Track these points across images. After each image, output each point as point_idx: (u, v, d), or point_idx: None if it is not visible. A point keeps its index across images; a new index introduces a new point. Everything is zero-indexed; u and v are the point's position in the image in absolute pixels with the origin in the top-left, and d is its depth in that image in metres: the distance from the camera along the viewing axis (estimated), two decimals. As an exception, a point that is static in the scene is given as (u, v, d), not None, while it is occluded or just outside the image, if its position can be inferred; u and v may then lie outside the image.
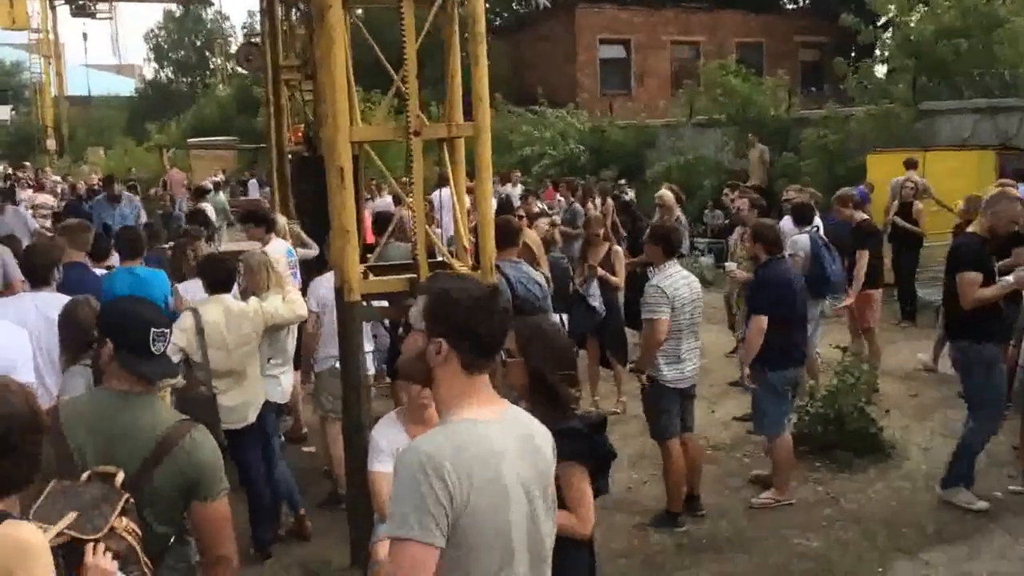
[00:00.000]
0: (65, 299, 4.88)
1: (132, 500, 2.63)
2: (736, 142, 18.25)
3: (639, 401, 6.44)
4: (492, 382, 2.35)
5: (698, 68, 23.04)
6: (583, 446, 3.24)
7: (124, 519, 2.57)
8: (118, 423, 2.79)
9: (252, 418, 5.49)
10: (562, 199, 14.36)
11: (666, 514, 5.96)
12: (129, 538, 2.55)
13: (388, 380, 7.64)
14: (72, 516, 2.44)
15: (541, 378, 3.31)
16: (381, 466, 4.63)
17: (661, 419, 5.91)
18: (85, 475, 2.69)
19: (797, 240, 7.78)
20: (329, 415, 6.41)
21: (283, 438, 6.95)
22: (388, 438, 4.67)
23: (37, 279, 5.08)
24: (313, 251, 8.35)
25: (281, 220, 8.29)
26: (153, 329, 2.89)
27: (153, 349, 2.89)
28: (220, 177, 24.98)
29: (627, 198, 13.73)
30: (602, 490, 3.37)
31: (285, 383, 6.15)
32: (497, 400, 2.32)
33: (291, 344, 6.22)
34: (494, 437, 2.19)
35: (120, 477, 2.66)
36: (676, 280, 5.83)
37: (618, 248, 8.44)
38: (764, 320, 6.01)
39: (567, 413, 3.31)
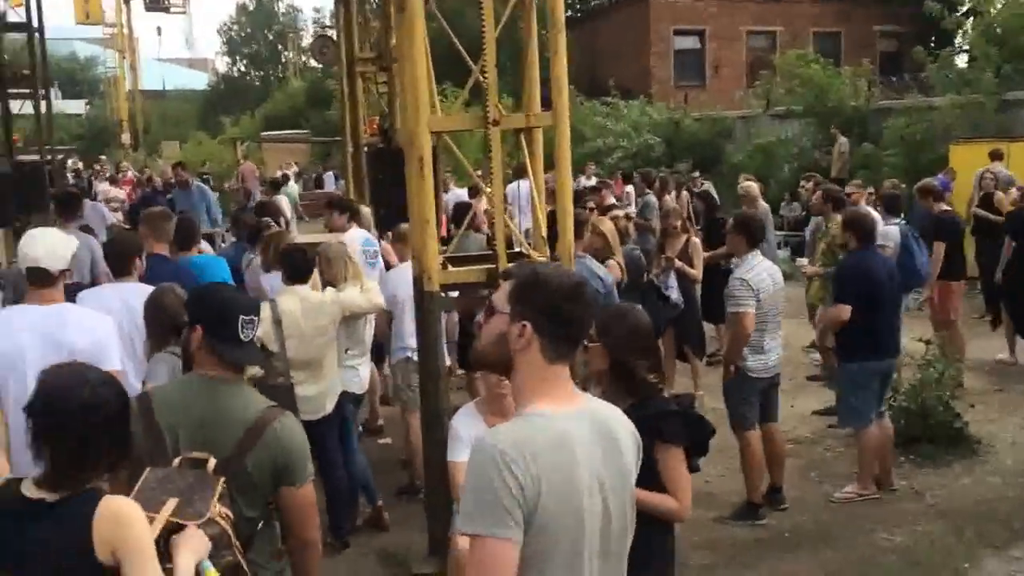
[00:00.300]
0: (147, 289, 4.96)
1: (226, 485, 2.66)
2: (814, 133, 17.89)
3: (716, 395, 6.36)
4: (572, 374, 2.28)
5: (774, 58, 22.64)
6: (679, 427, 3.24)
7: (218, 505, 2.60)
8: (209, 409, 2.82)
9: (330, 408, 5.52)
10: (630, 191, 14.22)
11: (747, 506, 5.90)
12: (223, 523, 2.58)
13: (461, 372, 7.67)
14: (173, 503, 2.47)
15: (622, 363, 3.29)
16: (460, 456, 4.64)
17: (741, 409, 5.84)
18: (177, 461, 2.72)
19: (887, 231, 7.59)
20: (406, 406, 6.45)
21: (360, 429, 7.01)
22: (467, 428, 4.68)
23: (119, 269, 5.16)
24: None
25: (366, 210, 8.35)
26: (242, 316, 2.91)
27: (242, 336, 2.91)
28: (294, 168, 25.39)
29: (704, 189, 13.54)
30: (693, 468, 3.37)
31: (363, 373, 6.19)
32: (575, 393, 2.24)
33: (369, 335, 6.25)
34: (570, 431, 2.12)
35: (212, 463, 2.68)
36: (760, 271, 5.76)
37: (696, 240, 8.33)
38: (847, 309, 5.89)
39: (650, 397, 3.29)
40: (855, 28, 29.13)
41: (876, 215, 7.62)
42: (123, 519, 2.30)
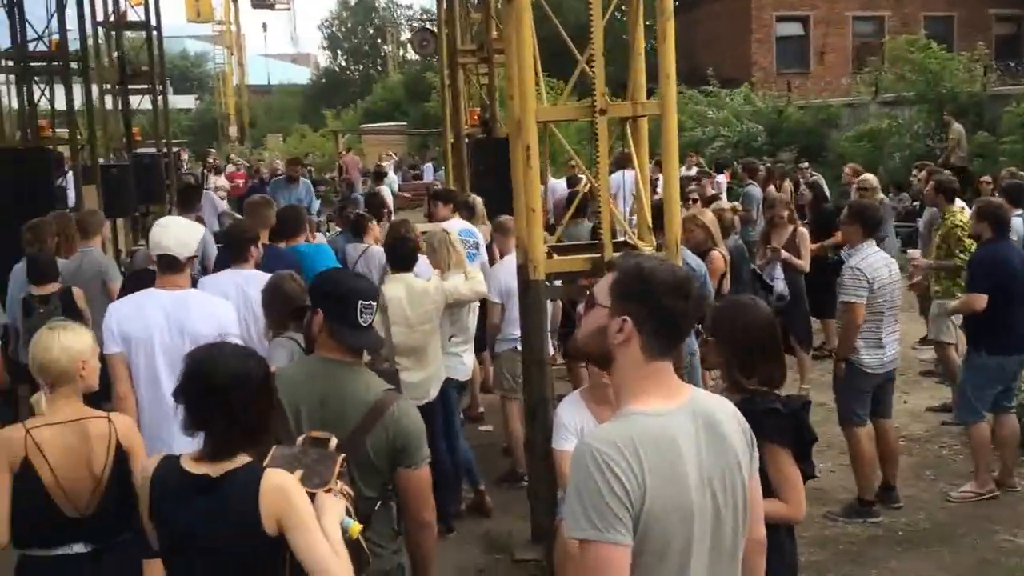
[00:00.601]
0: (262, 276, 5.12)
1: (346, 464, 2.74)
2: (926, 120, 17.25)
3: (821, 390, 6.21)
4: (677, 370, 2.21)
5: (883, 44, 21.91)
6: (785, 428, 3.12)
7: (339, 482, 2.68)
8: (330, 390, 2.90)
9: (434, 394, 5.59)
10: (721, 181, 13.97)
11: (858, 504, 5.76)
12: (344, 499, 2.66)
13: (562, 361, 7.68)
14: (299, 473, 2.55)
15: (736, 358, 3.22)
16: (565, 444, 4.66)
17: (852, 404, 5.70)
18: (300, 440, 2.81)
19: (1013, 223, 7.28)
20: (509, 394, 6.50)
21: (461, 416, 7.10)
22: (572, 416, 4.69)
23: (236, 257, 5.31)
24: None
25: (479, 200, 8.42)
26: (361, 301, 2.98)
27: (361, 321, 2.98)
28: (394, 159, 25.80)
29: (814, 179, 13.20)
30: (809, 473, 3.23)
31: (467, 361, 6.26)
32: (679, 388, 2.15)
33: (472, 322, 6.32)
34: (674, 429, 2.05)
35: (333, 442, 2.75)
36: (875, 261, 5.59)
37: (803, 230, 8.15)
38: (983, 299, 5.72)
39: (767, 393, 3.20)
40: (968, 11, 27.90)
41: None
42: (287, 491, 2.40)
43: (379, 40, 57.10)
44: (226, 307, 4.37)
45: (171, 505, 2.45)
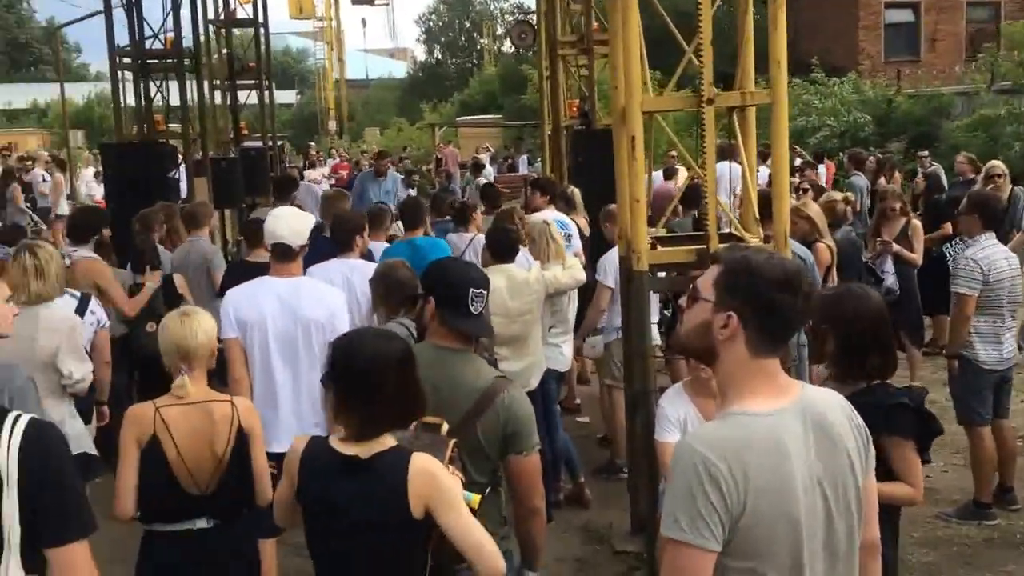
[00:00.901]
0: (367, 265, 5.24)
1: (457, 448, 2.78)
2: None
3: (933, 386, 6.01)
4: (785, 365, 2.13)
5: (999, 29, 20.98)
6: (913, 422, 3.11)
7: (451, 466, 2.72)
8: (441, 376, 2.95)
9: (534, 384, 5.61)
10: (821, 172, 13.61)
11: (974, 505, 5.56)
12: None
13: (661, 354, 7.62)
14: None
15: (848, 348, 3.15)
16: (668, 436, 4.63)
17: (972, 403, 5.50)
18: (412, 425, 2.87)
19: None
20: (615, 384, 6.49)
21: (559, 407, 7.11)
22: (675, 408, 4.66)
23: (344, 246, 5.44)
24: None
25: (576, 191, 8.43)
26: (472, 289, 3.03)
27: (471, 308, 3.03)
28: (490, 151, 25.96)
29: (932, 169, 12.75)
30: (926, 460, 3.24)
31: (566, 351, 6.27)
32: (787, 385, 2.06)
33: (572, 312, 6.32)
34: (781, 430, 1.97)
35: (445, 427, 2.81)
36: (993, 253, 5.39)
37: (916, 222, 7.88)
38: None
39: (887, 385, 3.16)
40: (1092, -8, 26.54)
41: None
42: (435, 474, 2.49)
43: (475, 34, 57.45)
44: (336, 294, 4.49)
45: (320, 484, 2.53)
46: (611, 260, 6.38)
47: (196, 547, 3.25)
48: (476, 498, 2.63)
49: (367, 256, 5.72)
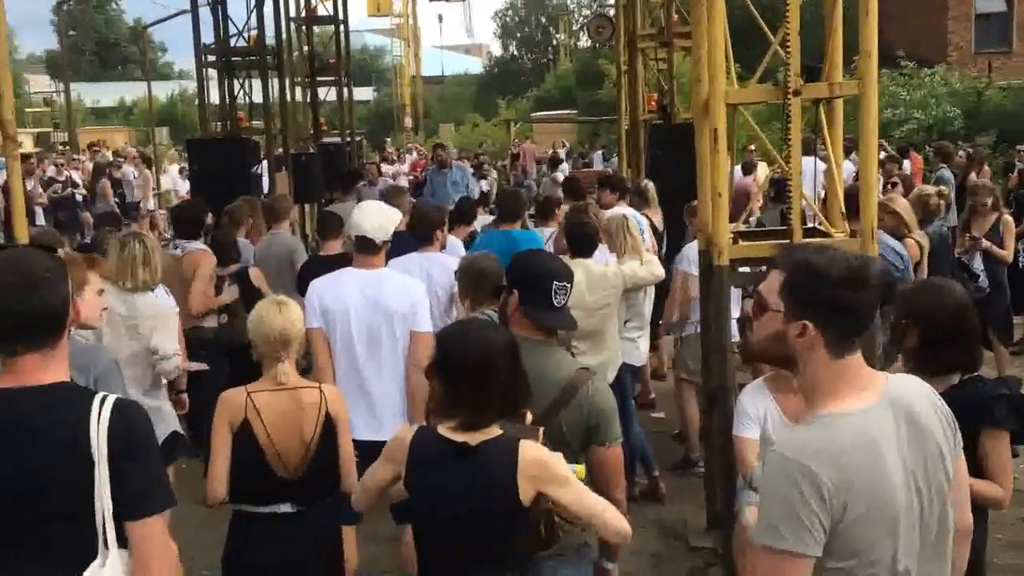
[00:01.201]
0: (447, 259, 5.29)
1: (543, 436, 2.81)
2: None
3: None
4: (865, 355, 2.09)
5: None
6: (1009, 410, 3.03)
7: None
8: (527, 368, 2.98)
9: (610, 378, 5.59)
10: (907, 165, 13.24)
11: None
12: None
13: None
14: None
15: (933, 342, 3.09)
16: (747, 432, 4.58)
17: None
18: None
19: None
20: (688, 379, 6.45)
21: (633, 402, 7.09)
22: (754, 404, 4.60)
23: (423, 240, 5.49)
24: None
25: (650, 185, 8.38)
26: (555, 282, 3.05)
27: (554, 301, 3.05)
28: (566, 147, 25.94)
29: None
30: (1017, 452, 3.18)
31: (642, 346, 6.25)
32: (872, 378, 2.05)
33: (648, 307, 6.29)
34: (872, 428, 1.95)
35: (529, 417, 2.84)
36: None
37: (1008, 218, 7.65)
38: None
39: (973, 379, 3.11)
40: None
41: None
42: (544, 461, 2.55)
43: (551, 28, 57.39)
44: (416, 285, 4.55)
45: (429, 471, 2.59)
46: (691, 252, 6.35)
47: (282, 530, 3.32)
48: (581, 467, 2.69)
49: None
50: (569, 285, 3.11)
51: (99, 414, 2.09)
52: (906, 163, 13.85)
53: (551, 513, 2.73)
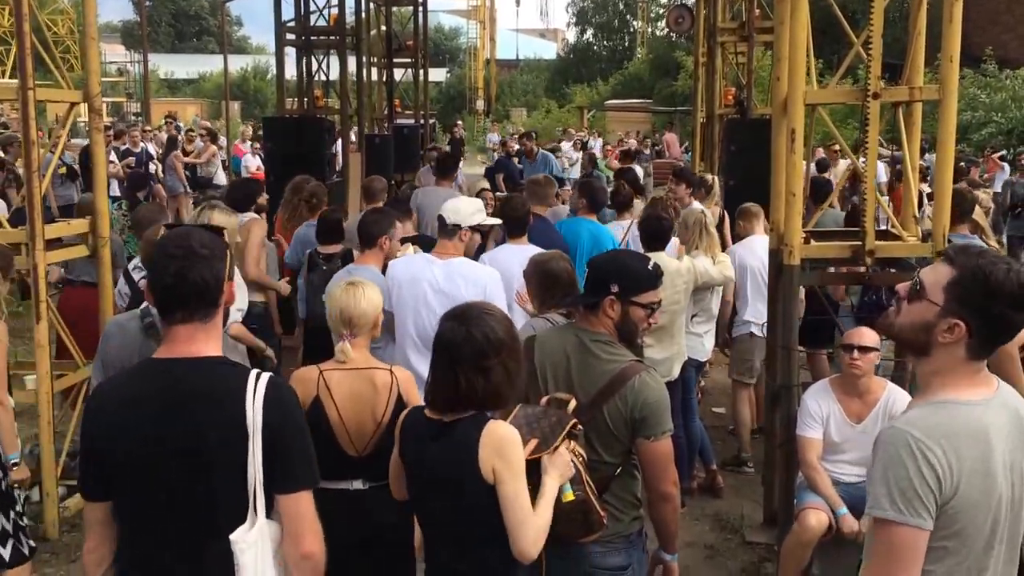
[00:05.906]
0: (533, 249, 5.28)
1: (580, 427, 2.86)
2: None
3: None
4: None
5: None
6: None
7: (572, 442, 2.81)
8: (578, 357, 3.07)
9: (675, 373, 5.62)
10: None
11: None
12: (575, 460, 2.78)
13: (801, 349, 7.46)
14: (533, 443, 2.73)
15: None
16: (809, 431, 4.61)
17: None
18: (544, 399, 3.00)
19: None
20: (741, 379, 6.48)
21: (699, 396, 7.09)
22: (818, 404, 4.64)
23: (514, 233, 5.54)
24: None
25: (716, 180, 8.33)
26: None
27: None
28: (639, 135, 25.77)
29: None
30: None
31: (707, 343, 6.23)
32: (988, 378, 2.14)
33: (715, 304, 6.28)
34: (986, 419, 2.05)
35: (572, 404, 2.91)
36: None
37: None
38: None
39: None
40: None
41: None
42: (505, 442, 2.57)
43: (628, 16, 56.81)
44: (491, 274, 4.61)
45: (413, 447, 2.72)
46: (736, 255, 6.35)
47: (352, 507, 3.40)
48: (569, 495, 2.71)
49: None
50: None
51: (254, 389, 2.23)
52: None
53: (588, 501, 2.79)
